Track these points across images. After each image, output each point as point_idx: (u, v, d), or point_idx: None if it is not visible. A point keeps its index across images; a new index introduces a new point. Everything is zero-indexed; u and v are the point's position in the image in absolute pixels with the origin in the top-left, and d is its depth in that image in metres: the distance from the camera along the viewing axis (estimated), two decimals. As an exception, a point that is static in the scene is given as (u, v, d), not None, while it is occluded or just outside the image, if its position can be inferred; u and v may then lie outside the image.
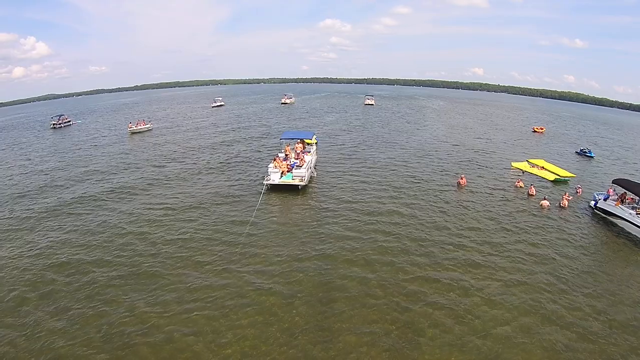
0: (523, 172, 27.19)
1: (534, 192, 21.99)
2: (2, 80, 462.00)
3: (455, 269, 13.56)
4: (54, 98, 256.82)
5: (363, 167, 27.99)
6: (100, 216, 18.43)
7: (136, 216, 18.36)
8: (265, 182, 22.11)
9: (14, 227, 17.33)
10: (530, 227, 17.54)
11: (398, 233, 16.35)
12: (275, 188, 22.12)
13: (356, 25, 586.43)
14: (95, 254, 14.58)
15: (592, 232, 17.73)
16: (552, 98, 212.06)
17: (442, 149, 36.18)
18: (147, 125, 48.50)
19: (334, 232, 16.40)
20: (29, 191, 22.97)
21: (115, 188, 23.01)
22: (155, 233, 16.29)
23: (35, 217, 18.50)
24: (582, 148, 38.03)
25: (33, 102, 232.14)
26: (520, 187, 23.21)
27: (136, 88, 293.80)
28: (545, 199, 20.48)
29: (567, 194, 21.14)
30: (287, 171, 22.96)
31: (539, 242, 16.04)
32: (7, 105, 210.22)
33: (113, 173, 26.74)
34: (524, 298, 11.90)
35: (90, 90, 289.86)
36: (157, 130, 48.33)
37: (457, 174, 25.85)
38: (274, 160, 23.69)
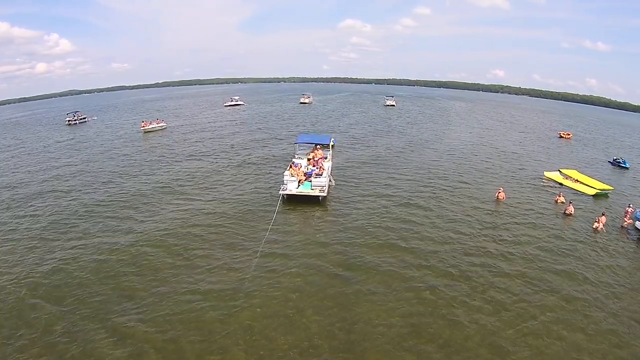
0: (561, 185, 24.90)
1: (572, 211, 19.50)
2: (25, 75, 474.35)
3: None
4: (76, 94, 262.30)
5: (388, 173, 26.06)
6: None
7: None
8: (280, 192, 20.01)
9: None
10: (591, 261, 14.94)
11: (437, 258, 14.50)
12: (292, 199, 20.16)
13: (377, 26, 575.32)
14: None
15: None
16: (574, 101, 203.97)
17: (471, 153, 34.32)
18: (161, 124, 47.70)
19: (366, 257, 14.53)
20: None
21: (114, 193, 21.89)
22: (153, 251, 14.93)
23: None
24: (615, 157, 34.85)
25: (55, 97, 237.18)
26: (562, 202, 20.90)
27: (157, 85, 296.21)
28: (598, 221, 17.91)
29: (626, 215, 18.57)
30: (305, 179, 20.93)
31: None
32: (29, 100, 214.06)
33: (117, 177, 25.53)
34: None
35: (112, 87, 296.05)
36: (171, 129, 47.40)
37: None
38: (290, 167, 21.70)
